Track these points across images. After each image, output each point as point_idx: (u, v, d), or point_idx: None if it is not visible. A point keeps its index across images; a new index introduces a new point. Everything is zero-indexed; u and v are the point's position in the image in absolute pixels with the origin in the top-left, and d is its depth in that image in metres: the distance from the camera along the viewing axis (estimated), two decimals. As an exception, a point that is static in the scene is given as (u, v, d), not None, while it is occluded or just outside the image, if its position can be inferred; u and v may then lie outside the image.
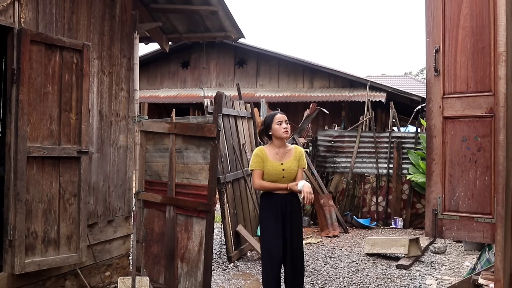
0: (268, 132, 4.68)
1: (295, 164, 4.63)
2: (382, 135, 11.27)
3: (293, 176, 4.63)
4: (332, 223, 9.89)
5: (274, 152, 4.64)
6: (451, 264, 7.50)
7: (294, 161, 4.63)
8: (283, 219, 4.55)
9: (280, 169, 4.57)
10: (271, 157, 4.61)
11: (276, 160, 4.61)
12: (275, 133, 4.63)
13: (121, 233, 6.04)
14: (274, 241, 4.52)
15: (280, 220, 4.54)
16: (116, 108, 5.85)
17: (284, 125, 4.62)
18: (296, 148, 4.73)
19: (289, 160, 4.63)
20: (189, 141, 5.55)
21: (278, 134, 4.62)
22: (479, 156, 3.59)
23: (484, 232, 3.58)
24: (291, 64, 18.16)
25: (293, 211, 4.60)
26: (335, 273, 6.94)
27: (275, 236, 4.52)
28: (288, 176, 4.59)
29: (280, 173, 4.57)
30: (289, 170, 4.59)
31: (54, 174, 4.77)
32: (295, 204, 4.63)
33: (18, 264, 4.45)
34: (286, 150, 4.68)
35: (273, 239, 4.54)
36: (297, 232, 4.61)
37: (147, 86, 19.51)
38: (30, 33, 4.50)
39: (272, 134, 4.65)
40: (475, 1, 3.59)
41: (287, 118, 4.71)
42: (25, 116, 4.47)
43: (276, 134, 4.62)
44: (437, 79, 3.79)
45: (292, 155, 4.65)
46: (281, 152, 4.66)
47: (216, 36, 7.18)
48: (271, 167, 4.58)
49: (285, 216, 4.56)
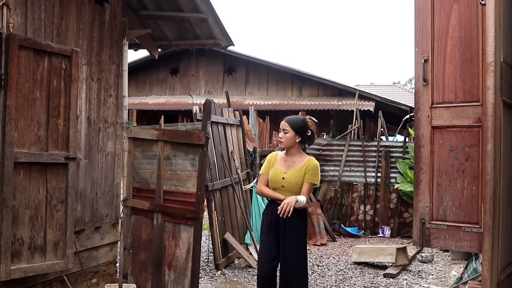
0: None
1: (300, 176, 4.33)
2: (371, 144, 11.32)
3: (295, 188, 4.33)
4: (319, 232, 9.89)
5: (283, 159, 4.47)
6: (438, 273, 7.53)
7: (299, 173, 4.34)
8: (276, 231, 4.35)
9: (281, 177, 4.37)
10: (278, 163, 4.46)
11: (282, 167, 4.43)
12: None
13: (108, 240, 5.99)
14: (263, 251, 4.41)
15: (273, 232, 4.37)
16: (104, 115, 5.82)
17: (281, 133, 4.45)
18: (309, 161, 4.40)
19: (294, 170, 4.37)
20: (177, 148, 5.53)
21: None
22: (467, 165, 3.62)
23: (471, 242, 3.60)
24: (280, 72, 18.22)
25: (287, 225, 4.30)
26: (323, 281, 6.94)
27: (265, 246, 4.41)
28: (288, 187, 4.34)
29: (279, 181, 4.37)
30: (290, 180, 4.34)
31: (42, 180, 4.72)
32: (291, 218, 4.24)
33: (4, 270, 4.39)
34: (296, 160, 4.42)
35: (263, 250, 4.43)
36: (290, 248, 4.30)
37: (136, 92, 19.46)
38: (18, 38, 4.46)
39: None
40: (464, 12, 3.63)
41: (287, 126, 4.43)
42: (13, 121, 4.42)
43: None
44: (425, 88, 3.82)
45: (300, 166, 4.37)
46: (289, 160, 4.44)
47: (205, 44, 7.18)
48: (274, 173, 4.42)
49: (278, 229, 4.34)
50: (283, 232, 4.31)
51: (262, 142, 10.71)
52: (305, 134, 4.45)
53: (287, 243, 4.29)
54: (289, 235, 4.29)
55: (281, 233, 4.32)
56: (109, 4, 5.85)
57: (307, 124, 4.47)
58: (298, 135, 4.41)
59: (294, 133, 4.39)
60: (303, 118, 4.53)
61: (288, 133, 4.39)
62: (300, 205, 4.22)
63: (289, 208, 4.10)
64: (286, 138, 4.39)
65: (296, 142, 4.41)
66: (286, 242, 4.30)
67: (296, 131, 4.39)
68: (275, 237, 4.35)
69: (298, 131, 4.40)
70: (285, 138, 4.39)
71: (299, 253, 4.33)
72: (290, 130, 4.39)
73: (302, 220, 4.39)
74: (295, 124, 4.41)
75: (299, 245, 4.34)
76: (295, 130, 4.39)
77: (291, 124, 4.40)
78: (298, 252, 4.32)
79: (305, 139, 4.48)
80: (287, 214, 4.11)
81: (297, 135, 4.40)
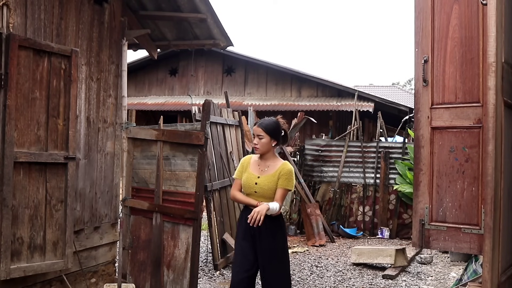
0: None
1: (273, 182, 4.11)
2: (370, 145, 11.32)
3: (268, 193, 4.12)
4: (318, 232, 9.88)
5: (257, 163, 4.26)
6: (437, 275, 7.53)
7: (272, 178, 4.12)
8: (253, 238, 4.15)
9: (253, 182, 4.15)
10: (251, 168, 4.24)
11: (255, 172, 4.21)
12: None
13: (108, 240, 5.99)
14: (238, 260, 4.23)
15: (248, 239, 4.17)
16: (103, 115, 5.81)
17: (255, 140, 4.20)
18: (283, 165, 4.18)
19: (267, 176, 4.15)
20: (176, 148, 5.52)
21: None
22: (467, 166, 3.62)
23: (471, 243, 3.60)
24: (279, 72, 18.21)
25: (262, 232, 4.09)
26: (321, 282, 6.93)
27: (240, 254, 4.22)
28: (261, 192, 4.13)
29: (252, 186, 4.15)
30: (263, 186, 4.12)
31: (41, 180, 4.72)
32: (267, 225, 4.05)
33: (4, 269, 4.39)
34: (270, 164, 4.21)
35: (237, 258, 4.26)
36: (268, 256, 4.11)
37: (135, 93, 19.44)
38: (18, 38, 4.46)
39: None
40: (464, 12, 3.62)
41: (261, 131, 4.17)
42: (13, 121, 4.42)
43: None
44: (425, 89, 3.82)
45: (273, 171, 4.15)
46: (263, 164, 4.22)
47: (204, 44, 7.17)
48: (246, 178, 4.20)
49: (254, 237, 4.14)
50: (259, 240, 4.12)
51: (261, 142, 10.71)
52: (279, 136, 4.26)
53: (264, 251, 4.11)
54: (266, 242, 4.11)
55: (257, 241, 4.13)
56: (108, 4, 5.85)
57: (280, 125, 4.26)
58: (274, 139, 4.20)
59: (269, 138, 4.17)
60: (275, 120, 4.29)
61: (263, 138, 4.16)
62: (272, 212, 4.03)
63: (260, 217, 3.89)
64: (262, 144, 4.18)
65: (272, 146, 4.22)
66: (264, 250, 4.11)
67: (271, 135, 4.17)
68: (252, 245, 4.16)
69: (273, 135, 4.19)
70: (261, 144, 4.17)
71: (278, 261, 4.14)
72: (264, 135, 4.16)
73: (278, 226, 4.20)
74: (269, 128, 4.18)
75: (277, 252, 4.15)
76: (270, 134, 4.17)
77: (265, 129, 4.17)
78: (277, 260, 4.13)
79: (280, 141, 4.31)
80: (257, 223, 3.90)
81: (273, 139, 4.19)
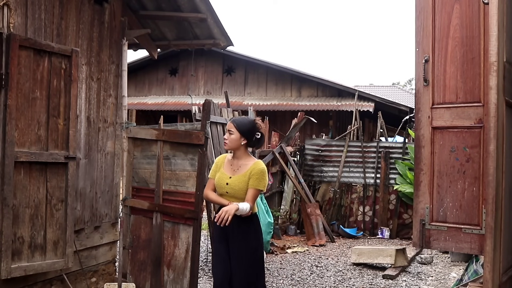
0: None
1: (243, 182, 4.03)
2: (370, 145, 11.32)
3: (239, 194, 4.03)
4: (318, 232, 9.89)
5: (230, 163, 4.18)
6: (437, 275, 7.53)
7: (243, 178, 4.04)
8: (227, 239, 4.08)
9: (224, 182, 4.08)
10: (224, 167, 4.18)
11: (228, 171, 4.14)
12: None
13: (108, 239, 5.99)
14: (215, 260, 4.20)
15: (223, 240, 4.10)
16: (104, 114, 5.81)
17: (226, 134, 4.17)
18: (254, 164, 4.09)
19: (238, 175, 4.07)
20: (177, 148, 5.52)
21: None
22: (468, 166, 3.62)
23: (471, 243, 3.60)
24: (279, 72, 18.20)
25: (235, 233, 4.04)
26: (321, 282, 6.93)
27: (216, 255, 4.17)
28: (232, 193, 4.05)
29: (223, 187, 4.08)
30: (234, 186, 4.04)
31: (42, 180, 4.72)
32: (239, 226, 4.01)
33: (5, 269, 4.39)
34: (242, 163, 4.12)
35: (214, 258, 4.23)
36: (239, 258, 4.02)
37: (135, 93, 19.43)
38: (19, 38, 4.46)
39: None
40: (465, 11, 3.62)
41: (232, 127, 4.12)
42: (13, 121, 4.42)
43: None
44: (426, 89, 3.81)
45: (245, 171, 4.07)
46: (235, 164, 4.15)
47: (205, 44, 7.16)
48: (218, 178, 4.14)
49: (227, 238, 4.07)
50: (231, 242, 4.06)
51: (261, 142, 10.71)
52: (252, 137, 4.14)
53: (233, 254, 4.04)
54: (236, 245, 4.03)
55: (230, 242, 4.07)
56: (108, 4, 5.85)
57: (255, 127, 4.16)
58: (244, 138, 4.10)
59: (240, 135, 4.09)
60: (252, 120, 4.23)
61: (233, 134, 4.09)
62: (242, 212, 3.94)
63: (227, 216, 3.80)
64: (231, 140, 4.11)
65: (242, 144, 4.11)
66: (235, 252, 4.04)
67: (241, 133, 4.09)
68: (226, 247, 4.09)
69: (244, 133, 4.10)
70: (230, 139, 4.11)
71: (249, 263, 4.03)
72: (235, 131, 4.09)
73: (250, 228, 4.09)
74: (241, 126, 4.11)
75: (249, 255, 4.03)
76: (240, 132, 4.09)
77: (237, 125, 4.10)
78: (248, 262, 4.02)
79: (253, 142, 4.19)
80: (225, 223, 3.80)
81: (243, 137, 4.10)
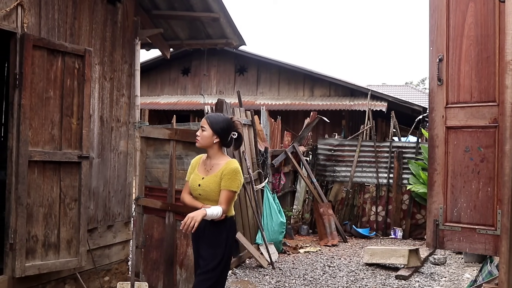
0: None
1: (215, 183, 3.78)
2: (383, 144, 11.26)
3: (212, 196, 3.80)
4: (331, 232, 9.86)
5: (204, 163, 3.96)
6: (451, 275, 7.47)
7: (214, 179, 3.79)
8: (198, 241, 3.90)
9: (197, 184, 3.85)
10: (199, 168, 3.96)
11: (202, 172, 3.91)
12: None
13: (121, 238, 6.01)
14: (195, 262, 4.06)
15: (195, 240, 3.96)
16: (117, 114, 5.84)
17: (199, 131, 3.92)
18: (227, 164, 3.83)
19: (210, 176, 3.83)
20: (189, 147, 5.53)
21: None
22: (482, 166, 3.57)
23: (486, 244, 3.56)
24: (292, 72, 18.17)
25: (205, 235, 3.82)
26: (334, 282, 6.91)
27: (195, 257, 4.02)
28: (204, 195, 3.82)
29: (196, 188, 3.86)
30: (205, 188, 3.81)
31: (55, 179, 4.75)
32: (209, 230, 3.79)
33: (19, 267, 4.44)
34: (215, 163, 3.87)
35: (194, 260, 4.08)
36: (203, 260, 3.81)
37: (148, 92, 19.50)
38: (32, 38, 4.50)
39: None
40: (480, 10, 3.58)
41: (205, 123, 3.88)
42: (27, 120, 4.46)
43: None
44: (440, 88, 3.78)
45: (217, 171, 3.82)
46: (209, 164, 3.90)
47: (217, 43, 7.17)
48: (192, 179, 3.93)
49: (198, 240, 3.90)
50: (201, 244, 3.87)
51: (273, 142, 10.67)
52: (226, 136, 3.89)
53: (201, 255, 3.84)
54: (205, 247, 3.82)
55: (200, 244, 3.89)
56: (121, 4, 5.87)
57: (231, 126, 3.91)
58: (217, 136, 3.86)
59: (212, 133, 3.84)
60: (228, 118, 3.97)
61: (205, 130, 3.85)
62: (213, 217, 3.69)
63: (193, 223, 3.53)
64: (202, 137, 3.86)
65: (214, 143, 3.86)
66: (201, 254, 3.85)
67: (214, 131, 3.84)
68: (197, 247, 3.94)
69: (217, 131, 3.85)
70: (201, 136, 3.87)
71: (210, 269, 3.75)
72: (207, 128, 3.84)
73: (222, 234, 3.82)
74: (214, 123, 3.86)
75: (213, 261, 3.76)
76: (213, 130, 3.84)
77: (210, 122, 3.86)
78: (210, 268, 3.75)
79: (227, 142, 3.94)
80: (190, 229, 3.53)
81: (215, 135, 3.85)
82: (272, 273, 7.21)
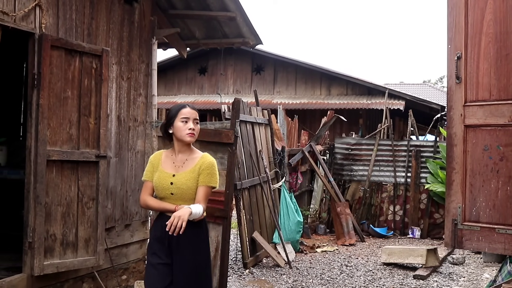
0: (168, 129, 3.47)
1: (192, 179, 3.38)
2: (400, 143, 11.18)
3: (188, 194, 3.37)
4: (348, 232, 9.81)
5: (171, 159, 3.48)
6: (469, 275, 7.39)
7: (190, 174, 3.38)
8: (170, 249, 3.38)
9: (168, 182, 3.38)
10: (164, 166, 3.47)
11: (170, 169, 3.43)
12: (176, 132, 3.42)
13: (138, 237, 6.05)
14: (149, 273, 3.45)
15: (164, 250, 3.39)
16: (134, 113, 5.87)
17: (190, 124, 3.40)
18: (203, 158, 3.45)
19: (185, 172, 3.40)
20: (206, 146, 5.54)
21: (180, 135, 3.41)
22: (502, 165, 3.54)
23: (505, 244, 3.52)
24: (309, 71, 18.13)
25: (180, 242, 3.34)
26: (351, 281, 6.88)
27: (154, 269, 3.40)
28: (179, 194, 3.37)
29: (167, 187, 3.38)
30: (181, 185, 3.36)
31: (73, 178, 4.79)
32: (186, 234, 3.21)
33: (37, 265, 4.49)
34: (187, 158, 3.46)
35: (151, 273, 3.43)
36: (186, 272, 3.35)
37: (165, 92, 19.60)
38: (50, 38, 4.54)
39: (173, 134, 3.45)
40: (499, 6, 3.54)
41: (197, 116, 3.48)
42: (45, 120, 4.50)
43: (178, 134, 3.42)
44: (458, 86, 3.74)
45: (192, 166, 3.41)
46: (179, 160, 3.46)
47: (234, 42, 7.19)
48: (159, 178, 3.42)
49: (170, 248, 3.38)
50: (176, 252, 3.37)
51: (290, 141, 10.66)
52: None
53: (183, 266, 3.36)
54: (186, 255, 3.36)
55: (174, 253, 3.38)
56: (138, 4, 5.90)
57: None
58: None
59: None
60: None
61: (198, 123, 3.51)
62: (195, 216, 3.29)
63: (181, 222, 3.14)
64: (197, 130, 3.49)
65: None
66: (182, 265, 3.36)
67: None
68: (168, 258, 3.39)
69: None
70: (197, 130, 3.48)
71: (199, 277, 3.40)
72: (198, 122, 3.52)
73: (201, 235, 3.47)
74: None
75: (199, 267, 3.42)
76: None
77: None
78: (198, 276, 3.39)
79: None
80: (178, 231, 3.14)
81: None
82: (289, 273, 7.20)
